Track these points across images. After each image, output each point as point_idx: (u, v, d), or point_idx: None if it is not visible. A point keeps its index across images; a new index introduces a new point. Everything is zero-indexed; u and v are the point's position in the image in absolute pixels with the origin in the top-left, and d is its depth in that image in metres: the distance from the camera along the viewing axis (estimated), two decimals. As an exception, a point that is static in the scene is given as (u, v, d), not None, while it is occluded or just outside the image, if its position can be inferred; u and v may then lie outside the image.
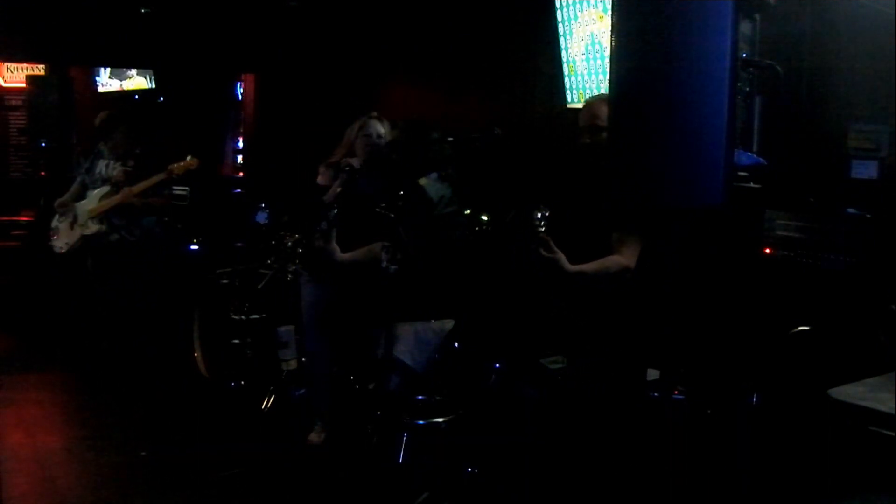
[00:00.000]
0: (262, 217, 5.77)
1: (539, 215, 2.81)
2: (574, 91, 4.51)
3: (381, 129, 4.05)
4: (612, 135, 2.66)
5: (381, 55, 6.45)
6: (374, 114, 4.14)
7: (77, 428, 4.38)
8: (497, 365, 3.26)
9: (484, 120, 5.38)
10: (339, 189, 4.01)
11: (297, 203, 4.80)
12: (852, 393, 2.48)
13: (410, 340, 3.72)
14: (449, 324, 3.83)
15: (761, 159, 2.67)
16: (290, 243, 4.75)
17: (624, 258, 3.01)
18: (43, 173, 7.02)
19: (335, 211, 3.85)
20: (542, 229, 2.82)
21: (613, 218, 3.03)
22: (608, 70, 2.70)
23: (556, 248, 2.83)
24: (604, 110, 3.08)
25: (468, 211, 4.34)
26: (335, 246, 3.87)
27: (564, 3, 4.48)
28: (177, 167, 5.16)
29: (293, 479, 3.88)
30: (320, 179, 4.20)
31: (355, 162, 4.07)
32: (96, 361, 5.26)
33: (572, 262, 2.88)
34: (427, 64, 6.08)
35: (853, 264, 2.84)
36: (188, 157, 5.19)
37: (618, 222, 3.04)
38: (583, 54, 4.43)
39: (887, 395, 2.40)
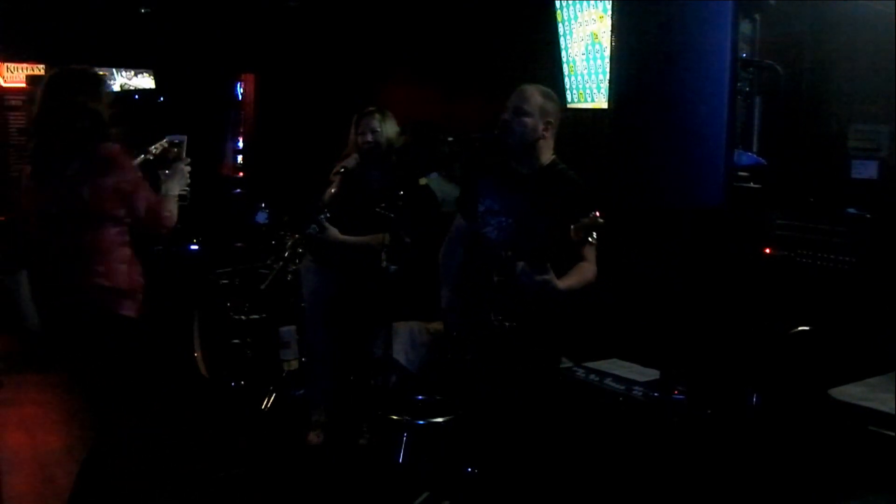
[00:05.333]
0: (262, 217, 5.77)
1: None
2: (574, 91, 4.51)
3: (376, 124, 4.05)
4: (612, 135, 2.66)
5: (381, 55, 6.45)
6: (371, 108, 4.13)
7: (77, 428, 4.38)
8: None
9: (484, 120, 5.39)
10: (333, 191, 4.03)
11: (297, 203, 4.80)
12: (852, 393, 2.48)
13: (405, 340, 3.73)
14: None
15: (761, 159, 2.66)
16: (289, 243, 4.76)
17: (592, 264, 2.97)
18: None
19: (327, 214, 3.88)
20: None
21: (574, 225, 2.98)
22: (608, 70, 2.71)
23: (548, 269, 2.79)
24: (536, 98, 3.09)
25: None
26: (333, 229, 3.90)
27: (564, 3, 4.47)
28: (154, 148, 5.10)
29: (293, 479, 3.88)
30: (332, 179, 4.20)
31: (350, 162, 4.09)
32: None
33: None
34: (427, 64, 6.08)
35: (853, 264, 2.84)
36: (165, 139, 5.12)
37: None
38: (583, 54, 4.43)
39: (887, 395, 2.40)
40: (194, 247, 6.30)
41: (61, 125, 2.90)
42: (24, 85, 7.57)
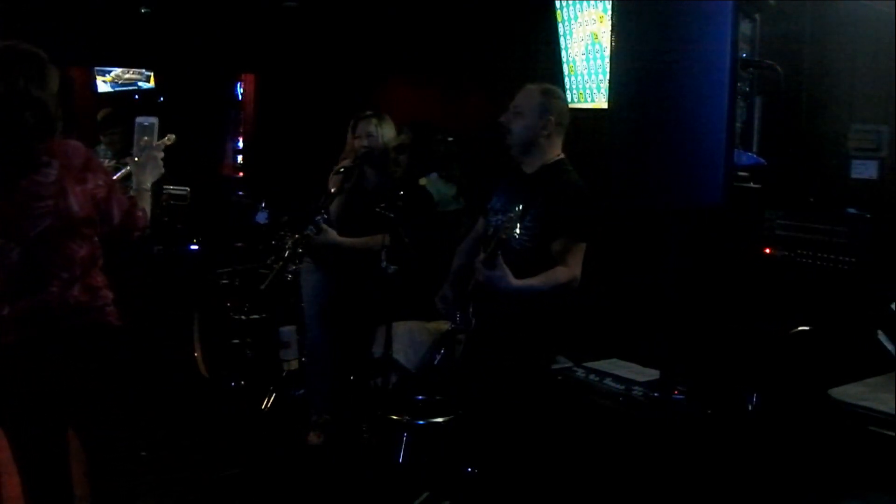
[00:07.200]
0: (262, 217, 5.78)
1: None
2: (574, 91, 4.51)
3: (372, 128, 4.07)
4: (611, 135, 2.66)
5: (381, 55, 6.45)
6: (368, 113, 4.14)
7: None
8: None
9: (484, 120, 5.39)
10: (332, 191, 4.04)
11: (297, 203, 4.80)
12: (852, 393, 2.48)
13: (405, 340, 3.73)
14: (444, 325, 3.85)
15: (761, 159, 2.67)
16: (289, 243, 4.76)
17: (570, 268, 2.96)
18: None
19: (324, 215, 3.89)
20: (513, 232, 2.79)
21: (555, 225, 3.00)
22: (608, 70, 2.71)
23: (501, 264, 2.80)
24: (533, 96, 3.10)
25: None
26: (331, 231, 3.89)
27: (564, 3, 4.47)
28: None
29: (293, 479, 3.88)
30: (330, 183, 4.21)
31: (349, 162, 4.10)
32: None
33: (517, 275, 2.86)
34: (427, 64, 6.08)
35: (853, 264, 2.84)
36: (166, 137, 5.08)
37: (561, 229, 3.00)
38: (583, 54, 4.43)
39: (887, 395, 2.40)
40: (194, 247, 6.30)
41: None
42: (24, 85, 7.57)
